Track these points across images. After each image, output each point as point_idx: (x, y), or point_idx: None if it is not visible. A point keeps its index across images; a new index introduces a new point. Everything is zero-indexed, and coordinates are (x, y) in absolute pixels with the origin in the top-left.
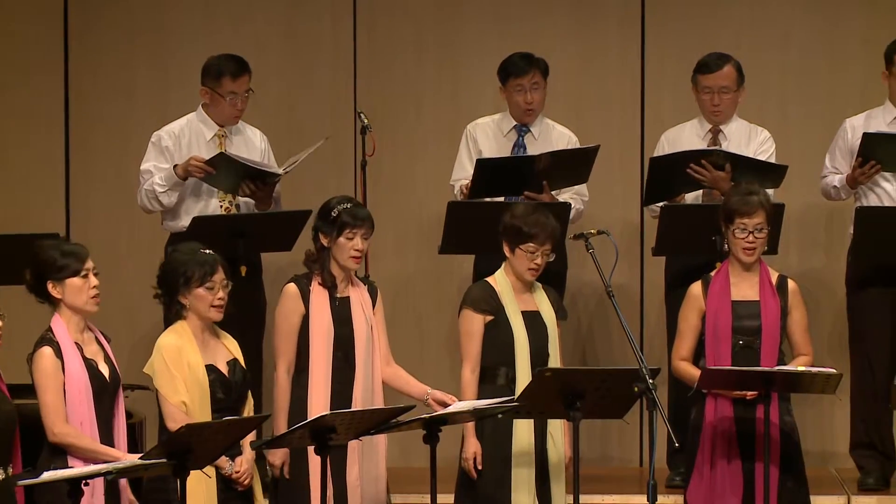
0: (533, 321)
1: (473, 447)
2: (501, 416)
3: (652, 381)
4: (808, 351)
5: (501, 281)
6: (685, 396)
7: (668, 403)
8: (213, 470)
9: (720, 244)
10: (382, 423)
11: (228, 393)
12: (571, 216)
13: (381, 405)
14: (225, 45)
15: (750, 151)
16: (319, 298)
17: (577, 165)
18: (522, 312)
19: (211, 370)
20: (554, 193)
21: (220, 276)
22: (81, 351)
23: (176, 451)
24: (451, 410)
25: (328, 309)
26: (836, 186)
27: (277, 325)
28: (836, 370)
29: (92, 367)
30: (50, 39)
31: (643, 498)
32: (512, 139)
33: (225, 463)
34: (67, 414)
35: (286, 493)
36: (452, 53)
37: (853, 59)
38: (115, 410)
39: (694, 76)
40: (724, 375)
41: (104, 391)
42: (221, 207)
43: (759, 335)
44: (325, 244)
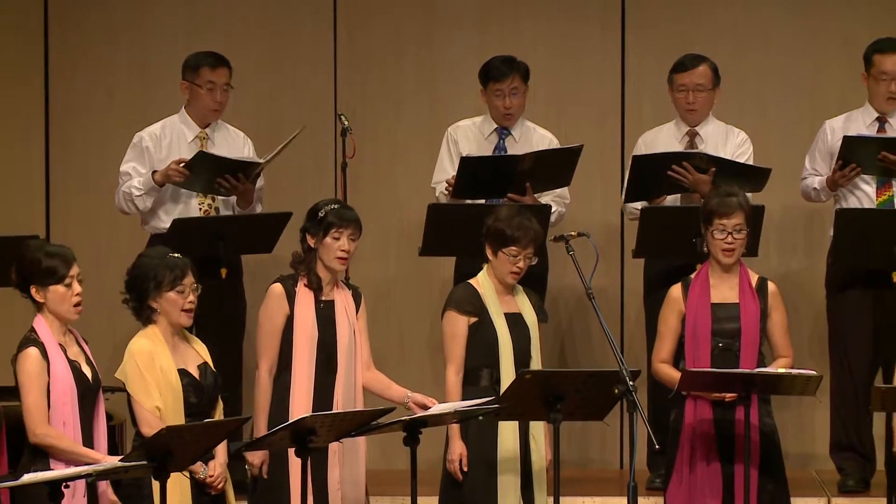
0: (515, 323)
1: (459, 449)
2: (482, 417)
3: (632, 383)
4: (788, 353)
5: (484, 283)
6: (665, 398)
7: (648, 405)
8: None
9: (700, 246)
10: (363, 425)
11: (201, 397)
12: (553, 219)
13: (361, 409)
14: (205, 46)
15: (727, 153)
16: (304, 300)
17: (560, 166)
18: (505, 314)
19: (183, 374)
20: (536, 196)
21: (189, 279)
22: (65, 352)
23: (156, 453)
24: (431, 413)
25: (313, 311)
26: (816, 188)
27: (261, 324)
28: (816, 372)
29: (76, 368)
30: (30, 41)
31: (623, 500)
32: (493, 142)
33: (199, 467)
34: (51, 416)
35: (265, 493)
36: (433, 56)
37: (833, 60)
38: (96, 412)
39: (670, 75)
40: (704, 377)
41: (87, 393)
42: (200, 210)
43: (738, 337)
44: (311, 245)
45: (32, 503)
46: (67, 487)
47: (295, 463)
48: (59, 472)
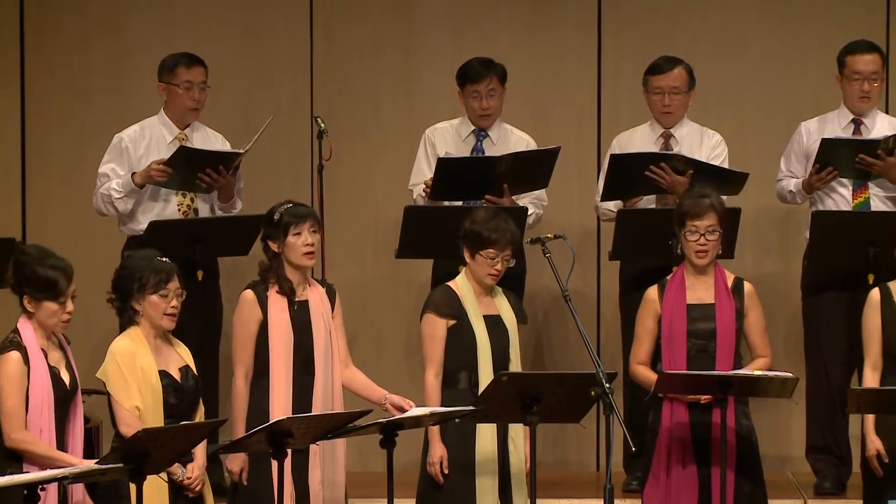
0: (494, 325)
1: (440, 452)
2: (458, 420)
3: (608, 385)
4: (766, 353)
5: (463, 285)
6: (642, 400)
7: (624, 407)
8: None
9: (676, 248)
10: (339, 427)
11: (181, 399)
12: (530, 221)
13: (340, 409)
14: (181, 48)
15: (702, 154)
16: (277, 304)
17: (537, 168)
18: (484, 316)
19: (164, 376)
20: (513, 198)
21: (174, 284)
22: (46, 357)
23: (132, 455)
24: (408, 415)
25: (286, 314)
26: (791, 191)
27: (235, 331)
28: (792, 374)
29: (55, 374)
30: (6, 44)
31: (600, 502)
32: (470, 144)
33: (177, 469)
34: (28, 421)
35: (245, 498)
36: (409, 58)
37: (809, 63)
38: (71, 418)
39: (645, 78)
40: (681, 379)
41: (64, 399)
42: (179, 210)
43: (713, 338)
44: (276, 250)
45: None
46: (44, 490)
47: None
48: (34, 474)
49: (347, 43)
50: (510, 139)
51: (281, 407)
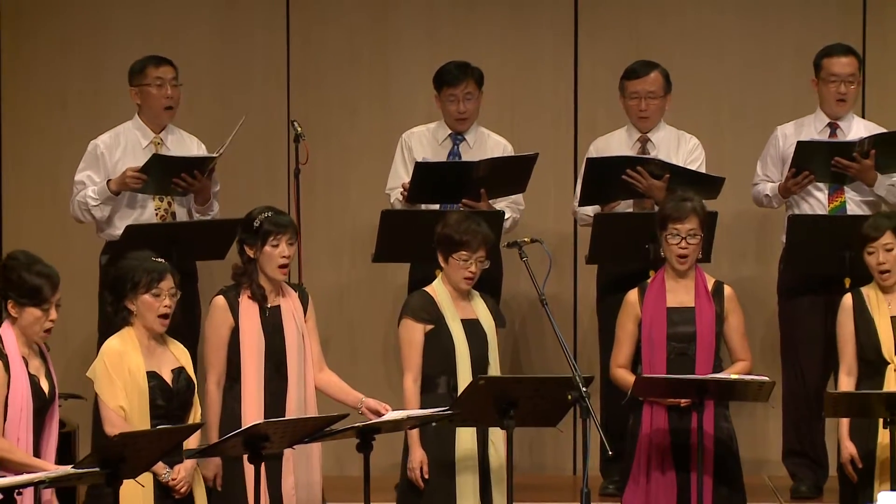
0: (472, 329)
1: (420, 456)
2: (435, 424)
3: (585, 389)
4: (746, 356)
5: (440, 290)
6: (618, 404)
7: (601, 411)
8: (149, 478)
9: (653, 252)
10: (316, 431)
11: (169, 400)
12: (507, 225)
13: (314, 414)
14: (158, 53)
15: (679, 159)
16: (249, 309)
17: (515, 173)
18: (462, 321)
19: (152, 377)
20: (491, 202)
21: (167, 283)
22: (26, 365)
23: (109, 459)
24: (384, 419)
25: (258, 320)
26: (768, 195)
27: (207, 337)
28: (768, 378)
29: (35, 383)
30: None
31: None
32: (447, 147)
33: (162, 470)
34: (6, 429)
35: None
36: (386, 62)
37: (786, 67)
38: (47, 424)
39: (621, 82)
40: (658, 383)
41: (42, 408)
42: (157, 215)
43: (693, 341)
44: (251, 255)
45: None
46: (20, 494)
47: (251, 471)
48: (10, 479)
49: (324, 48)
50: (487, 143)
51: (253, 412)
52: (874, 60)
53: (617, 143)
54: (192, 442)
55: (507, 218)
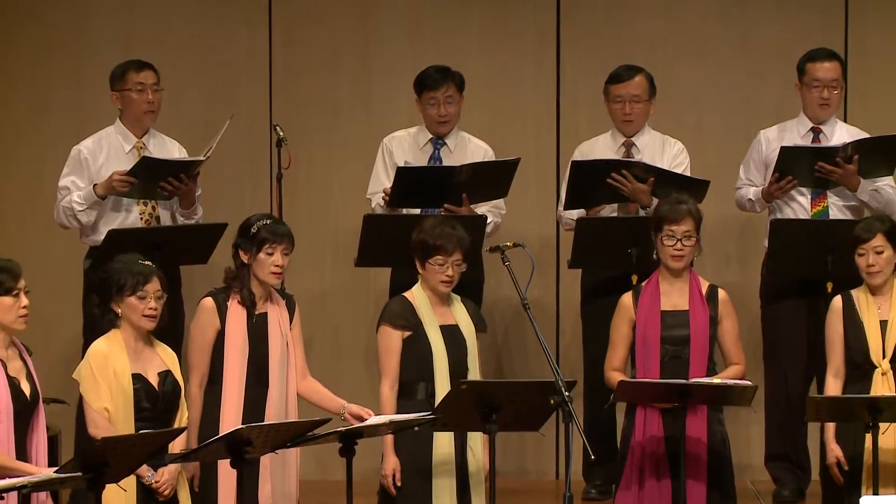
0: (451, 335)
1: (393, 464)
2: (418, 428)
3: (568, 393)
4: (739, 360)
5: (419, 296)
6: (601, 409)
7: (584, 416)
8: (132, 481)
9: (635, 257)
10: (299, 435)
11: (154, 403)
12: (489, 230)
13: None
14: (140, 57)
15: (664, 163)
16: (236, 314)
17: (496, 178)
18: (441, 326)
19: (138, 379)
20: (472, 207)
21: (153, 286)
22: (5, 367)
23: (91, 464)
24: (367, 424)
25: (244, 325)
26: (751, 199)
27: (192, 338)
28: (751, 382)
29: (15, 386)
30: None
31: None
32: (428, 152)
33: (145, 472)
34: None
35: None
36: (368, 66)
37: (767, 72)
38: (32, 427)
39: (606, 87)
40: (640, 388)
41: (24, 411)
42: (142, 220)
43: (687, 344)
44: (245, 261)
45: None
46: (2, 499)
47: (224, 477)
48: None
49: (306, 52)
50: (468, 147)
51: (231, 417)
52: (856, 65)
53: (602, 147)
54: (178, 443)
55: (488, 222)
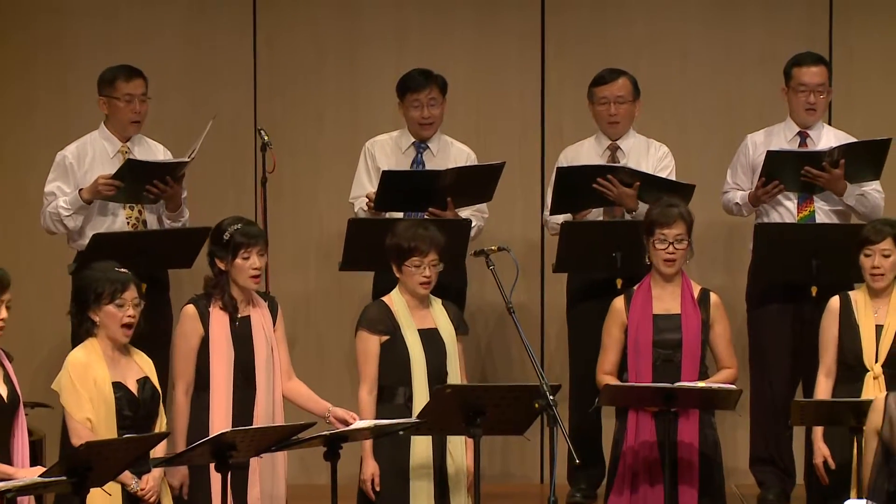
0: (430, 339)
1: (371, 469)
2: (402, 432)
3: (552, 397)
4: (731, 364)
5: (397, 300)
6: (586, 413)
7: (568, 420)
8: (117, 487)
9: (620, 261)
10: (283, 439)
11: (136, 410)
12: (472, 233)
13: (282, 423)
14: (124, 61)
15: (649, 166)
16: (219, 319)
17: (481, 182)
18: (419, 330)
19: (118, 388)
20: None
21: (131, 294)
22: None
23: (76, 468)
24: (352, 428)
25: (227, 329)
26: (738, 203)
27: (176, 346)
28: (736, 386)
29: None
30: None
31: None
32: (410, 156)
33: (129, 479)
34: None
35: None
36: (353, 70)
37: (752, 76)
38: (13, 431)
39: (590, 90)
40: (625, 392)
41: (2, 414)
42: (129, 224)
43: (679, 348)
44: (222, 268)
45: None
46: None
47: (216, 481)
48: None
49: (291, 56)
50: (450, 151)
51: (221, 421)
52: (840, 69)
53: (587, 151)
54: (158, 451)
55: (473, 227)
